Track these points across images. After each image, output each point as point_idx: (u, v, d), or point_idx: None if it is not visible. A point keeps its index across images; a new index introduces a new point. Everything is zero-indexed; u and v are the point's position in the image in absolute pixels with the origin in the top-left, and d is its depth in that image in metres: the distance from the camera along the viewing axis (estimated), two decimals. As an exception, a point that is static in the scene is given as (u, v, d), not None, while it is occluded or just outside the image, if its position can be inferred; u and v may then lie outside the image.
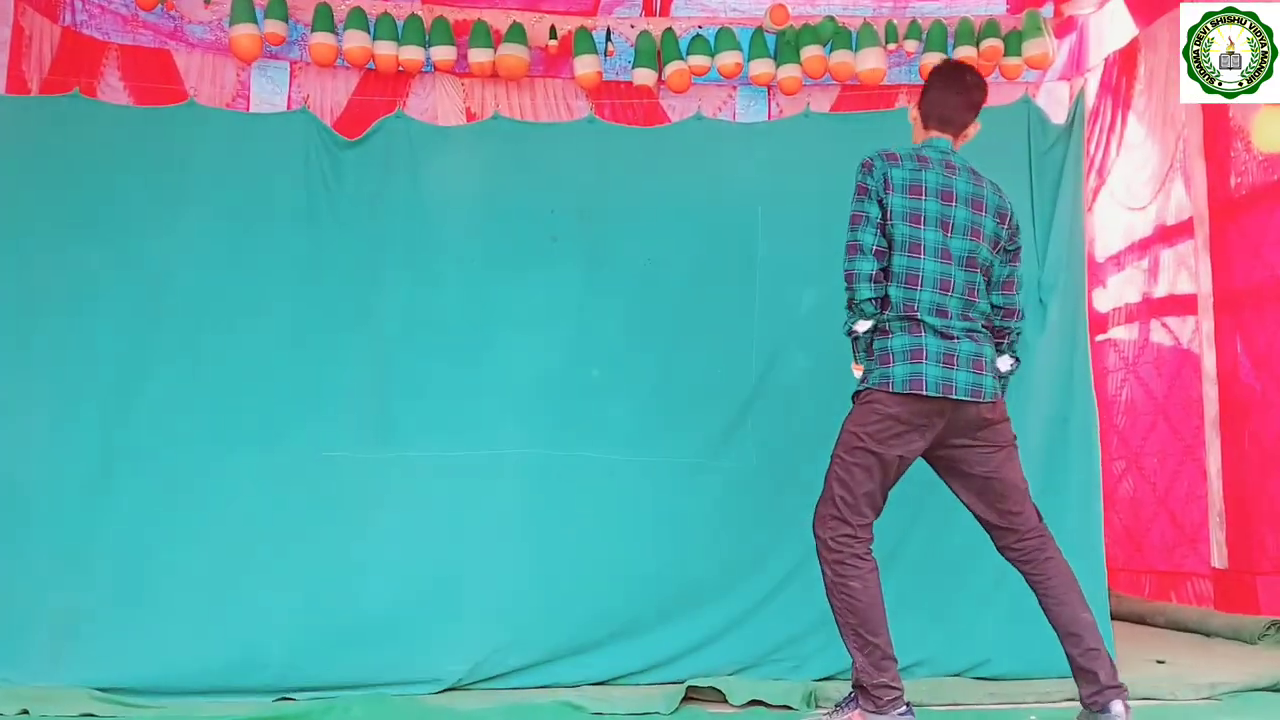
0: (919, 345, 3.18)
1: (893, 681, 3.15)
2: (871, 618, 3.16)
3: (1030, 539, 3.29)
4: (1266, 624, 4.82)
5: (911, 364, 3.17)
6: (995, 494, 3.29)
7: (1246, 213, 5.30)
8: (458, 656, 3.95)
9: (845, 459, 3.24)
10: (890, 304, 3.24)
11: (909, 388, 3.15)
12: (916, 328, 3.20)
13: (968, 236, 3.28)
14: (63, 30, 6.09)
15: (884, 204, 3.24)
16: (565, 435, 4.26)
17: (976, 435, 3.26)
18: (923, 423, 3.19)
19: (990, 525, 3.33)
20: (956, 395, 3.17)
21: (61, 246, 4.23)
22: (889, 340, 3.22)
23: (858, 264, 3.23)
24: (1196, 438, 5.64)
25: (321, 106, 6.43)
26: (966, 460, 3.29)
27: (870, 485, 3.22)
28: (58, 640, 3.82)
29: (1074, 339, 4.38)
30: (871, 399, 3.22)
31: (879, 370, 3.21)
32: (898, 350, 3.20)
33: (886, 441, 3.19)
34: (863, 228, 3.25)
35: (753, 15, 6.56)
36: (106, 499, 4.01)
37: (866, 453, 3.20)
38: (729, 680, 3.85)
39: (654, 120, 6.50)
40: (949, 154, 3.38)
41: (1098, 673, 3.14)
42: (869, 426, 3.20)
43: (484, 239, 4.42)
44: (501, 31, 6.38)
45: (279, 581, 3.99)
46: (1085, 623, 3.20)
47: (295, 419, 4.16)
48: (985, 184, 3.37)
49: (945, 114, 3.43)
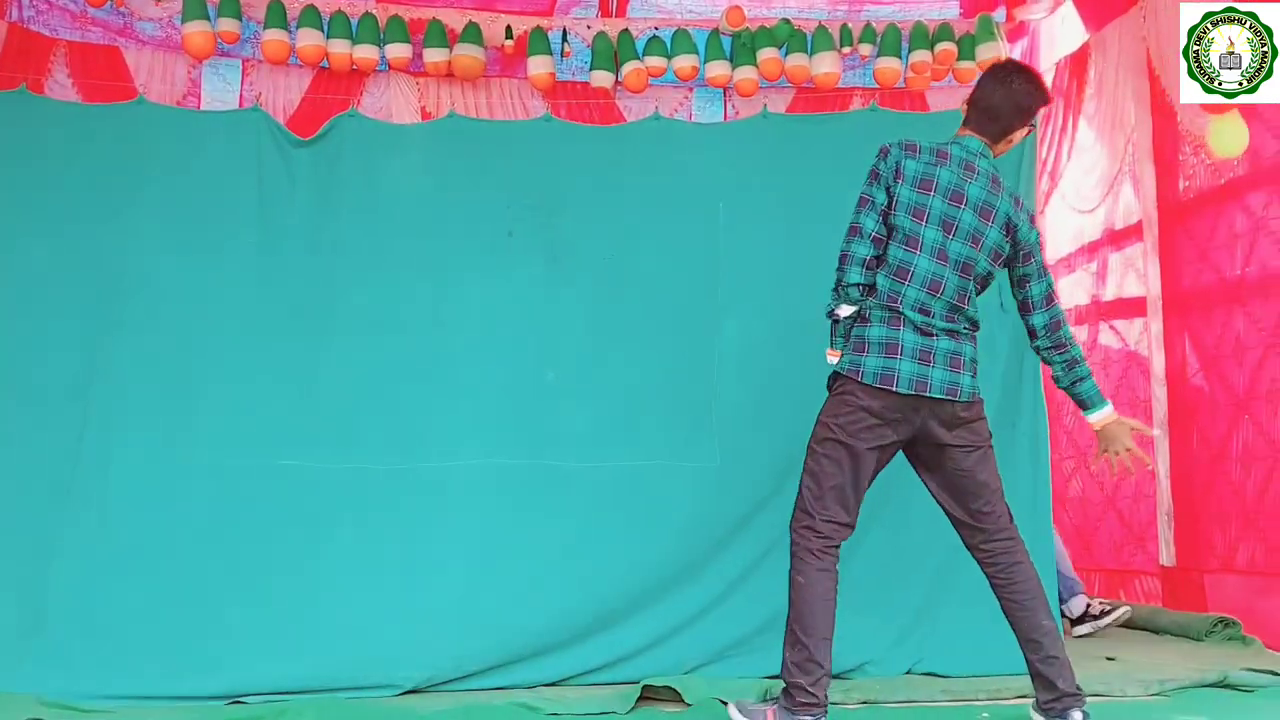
0: (895, 339, 3.15)
1: (811, 687, 3.07)
2: (807, 617, 3.10)
3: (999, 540, 3.25)
4: (1213, 621, 4.88)
5: (885, 358, 3.14)
6: (967, 492, 3.25)
7: (1194, 216, 5.38)
8: (414, 662, 3.91)
9: (815, 450, 3.21)
10: (875, 292, 3.21)
11: (880, 381, 3.13)
12: (896, 320, 3.17)
13: (968, 243, 3.21)
14: (9, 26, 5.99)
15: (891, 192, 3.20)
16: (523, 443, 4.24)
17: (952, 433, 3.21)
18: (895, 417, 3.16)
19: (960, 523, 3.30)
20: (931, 393, 3.14)
21: (8, 244, 4.17)
22: (867, 329, 3.19)
23: (853, 246, 3.21)
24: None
25: (274, 105, 6.35)
26: (941, 457, 3.25)
27: (839, 479, 3.17)
28: (11, 645, 3.75)
29: (1024, 341, 4.41)
30: (844, 390, 3.19)
31: (851, 357, 3.19)
32: (874, 340, 3.17)
33: (858, 434, 3.15)
34: (866, 212, 3.22)
35: (709, 17, 6.57)
36: (62, 502, 3.95)
37: (837, 444, 3.17)
38: (685, 679, 3.85)
39: (610, 121, 6.49)
40: (976, 155, 3.27)
41: (1055, 680, 3.15)
42: (840, 418, 3.17)
43: (440, 238, 4.38)
44: (457, 31, 6.34)
45: (233, 586, 3.94)
46: (1046, 629, 3.19)
47: (248, 424, 4.12)
48: (1002, 193, 3.27)
49: (986, 111, 3.31)
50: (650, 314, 4.38)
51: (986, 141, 3.32)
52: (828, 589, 3.13)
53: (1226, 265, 5.13)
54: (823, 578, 3.14)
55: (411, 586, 4.05)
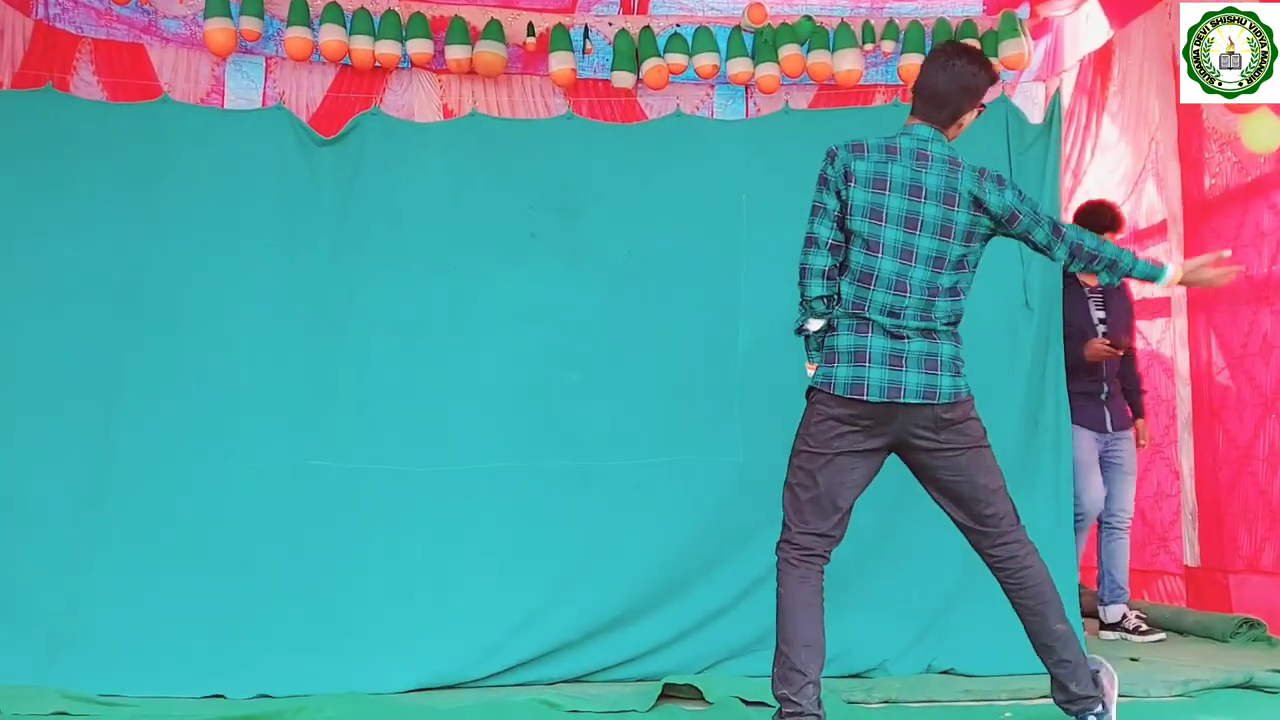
0: (863, 347, 3.06)
1: (795, 696, 2.98)
2: (787, 626, 3.04)
3: (1006, 544, 3.16)
4: (1238, 622, 4.85)
5: (855, 366, 3.05)
6: (966, 496, 3.15)
7: (1221, 213, 5.34)
8: (438, 659, 3.93)
9: (791, 462, 3.16)
10: (840, 300, 3.12)
11: (850, 391, 3.04)
12: (864, 327, 3.07)
13: (937, 235, 3.09)
14: (35, 24, 6.04)
15: (843, 197, 3.09)
16: (545, 443, 4.25)
17: (939, 436, 3.10)
18: (867, 424, 3.07)
19: (966, 529, 3.20)
20: (905, 398, 3.04)
21: (34, 243, 4.20)
22: (835, 338, 3.11)
23: (810, 259, 3.12)
24: (1165, 437, 5.69)
25: (297, 102, 6.39)
26: (931, 463, 3.15)
27: (814, 490, 3.09)
28: (43, 643, 3.80)
29: (1048, 340, 4.41)
30: (816, 399, 3.13)
31: (824, 369, 3.11)
32: (842, 349, 3.09)
33: (829, 442, 3.08)
34: (819, 220, 3.12)
35: (730, 14, 6.57)
36: (92, 502, 3.99)
37: (811, 455, 3.10)
38: (706, 677, 3.85)
39: (632, 118, 6.50)
40: (927, 142, 3.15)
41: (1069, 684, 3.10)
42: (811, 427, 3.12)
43: (462, 237, 4.39)
44: (479, 28, 6.36)
45: (259, 584, 3.96)
46: (1058, 634, 3.12)
47: (274, 423, 4.14)
48: (962, 172, 3.12)
49: (932, 98, 3.18)
50: (672, 312, 4.38)
51: (937, 128, 3.19)
52: (808, 596, 3.06)
53: (1253, 263, 5.09)
54: (801, 586, 3.06)
55: (435, 585, 4.06)
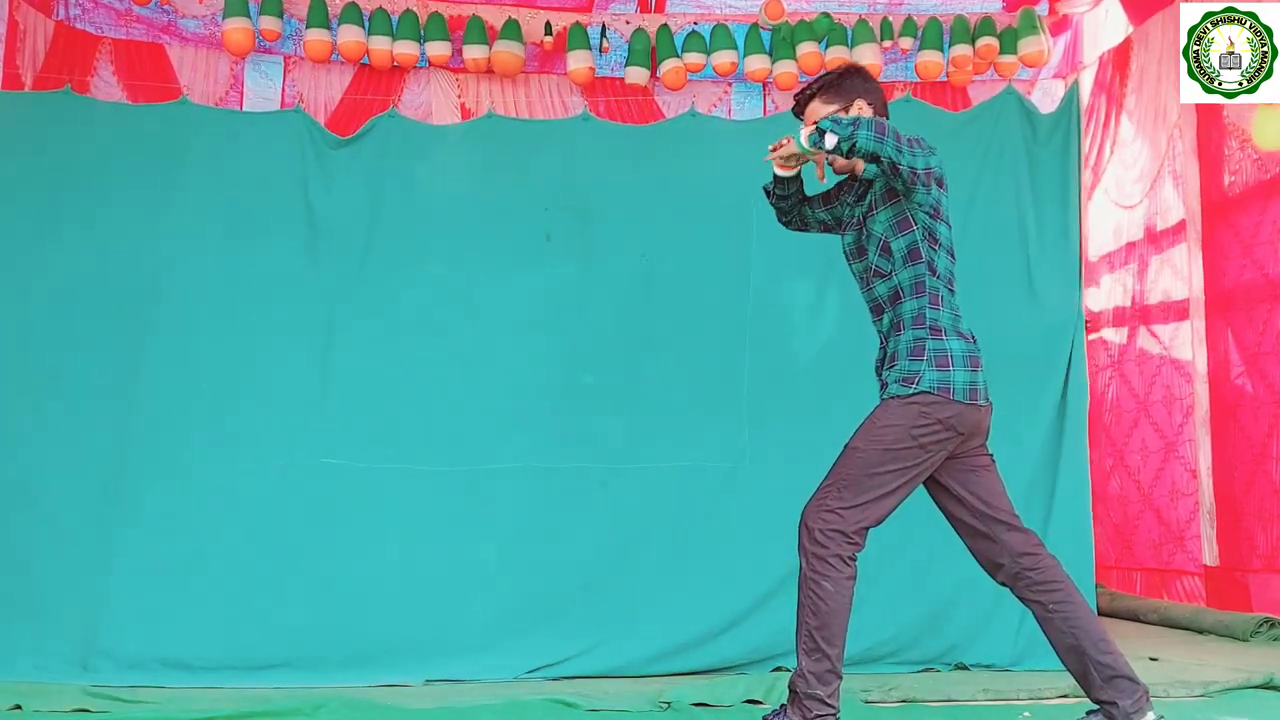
0: (973, 353, 2.99)
1: (829, 699, 2.90)
2: (832, 625, 2.91)
3: (1020, 565, 3.01)
4: (1258, 621, 4.83)
5: (971, 371, 2.98)
6: (976, 511, 3.05)
7: (1239, 211, 5.32)
8: (453, 657, 3.97)
9: (880, 455, 2.95)
10: (942, 303, 3.00)
11: (969, 397, 2.95)
12: (966, 334, 3.02)
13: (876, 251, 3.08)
14: (56, 25, 6.08)
15: (938, 199, 3.01)
16: (561, 445, 4.27)
17: (971, 443, 3.04)
18: (964, 432, 2.98)
19: (977, 553, 3.10)
20: (988, 400, 3.03)
21: (53, 244, 4.23)
22: (945, 341, 2.97)
23: (936, 163, 2.94)
24: (1179, 436, 5.67)
25: (315, 102, 6.42)
26: (958, 473, 3.06)
27: (902, 494, 2.98)
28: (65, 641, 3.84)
29: (1069, 337, 4.38)
30: (927, 403, 2.93)
31: (936, 374, 2.94)
32: (956, 354, 2.97)
33: (930, 447, 2.96)
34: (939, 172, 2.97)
35: (748, 12, 6.56)
36: (113, 502, 4.03)
37: (914, 450, 2.95)
38: (716, 684, 3.84)
39: (649, 117, 6.50)
40: None
41: (1089, 690, 3.03)
42: (915, 429, 2.94)
43: (479, 239, 4.42)
44: (497, 27, 6.37)
45: (277, 582, 4.00)
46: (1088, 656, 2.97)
47: (291, 422, 4.17)
48: None
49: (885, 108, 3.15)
50: (687, 314, 4.40)
51: None
52: (850, 594, 2.96)
53: (1271, 262, 5.07)
54: (849, 586, 2.94)
55: (450, 585, 4.09)
